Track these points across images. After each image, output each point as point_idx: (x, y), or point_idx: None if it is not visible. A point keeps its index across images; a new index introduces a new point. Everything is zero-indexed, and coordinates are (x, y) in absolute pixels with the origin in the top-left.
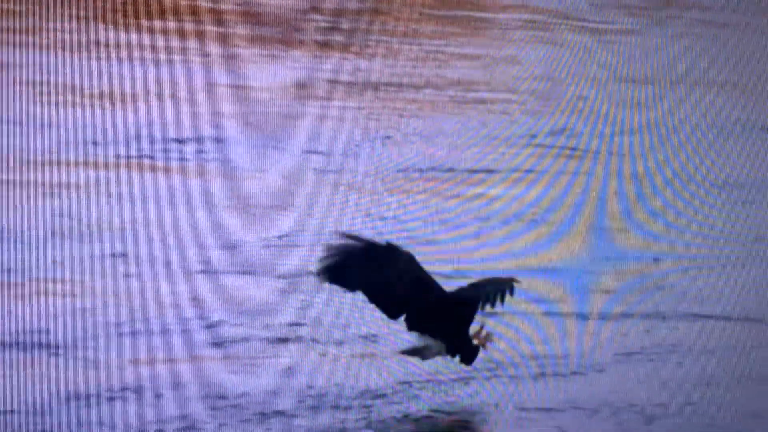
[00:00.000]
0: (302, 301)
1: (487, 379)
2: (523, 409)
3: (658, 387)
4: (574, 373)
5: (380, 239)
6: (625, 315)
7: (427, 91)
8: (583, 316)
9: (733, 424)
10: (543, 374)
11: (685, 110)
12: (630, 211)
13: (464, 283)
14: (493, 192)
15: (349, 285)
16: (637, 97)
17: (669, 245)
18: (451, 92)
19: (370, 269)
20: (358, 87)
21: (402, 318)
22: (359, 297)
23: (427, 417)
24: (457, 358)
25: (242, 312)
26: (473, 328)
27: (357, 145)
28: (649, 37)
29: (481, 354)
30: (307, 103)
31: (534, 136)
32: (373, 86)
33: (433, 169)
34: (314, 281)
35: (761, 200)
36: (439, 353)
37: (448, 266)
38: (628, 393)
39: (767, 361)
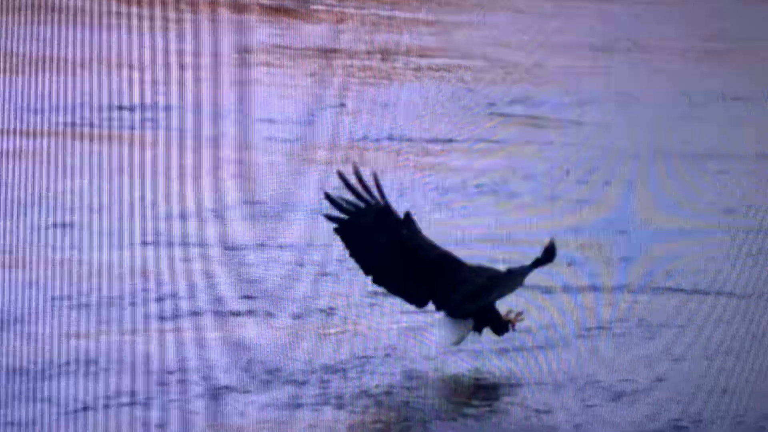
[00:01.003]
0: (255, 273)
1: (452, 353)
2: (488, 386)
3: (625, 362)
4: (539, 347)
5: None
6: (591, 288)
7: (381, 58)
8: (546, 290)
9: (703, 400)
10: (506, 349)
11: (653, 80)
12: (595, 182)
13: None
14: (454, 162)
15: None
16: (601, 65)
17: (636, 217)
18: (405, 59)
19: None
20: (308, 53)
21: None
22: (316, 269)
23: (387, 393)
24: (485, 331)
25: (192, 285)
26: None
27: (310, 114)
28: (613, 2)
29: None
30: (256, 69)
31: (493, 105)
32: (324, 53)
33: (389, 138)
34: (267, 253)
35: (733, 171)
36: (467, 332)
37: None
38: (594, 368)
39: (738, 336)
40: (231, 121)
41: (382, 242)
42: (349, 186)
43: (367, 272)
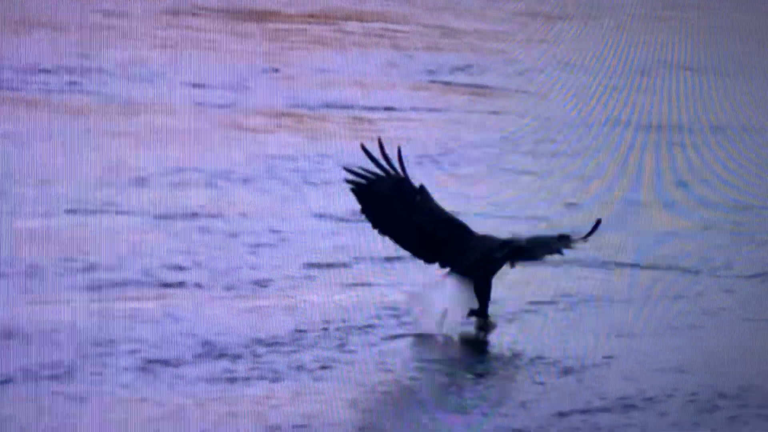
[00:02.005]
0: (185, 243)
1: (391, 326)
2: (429, 360)
3: (573, 338)
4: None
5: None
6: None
7: (317, 22)
8: None
9: (654, 378)
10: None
11: (603, 49)
12: (542, 153)
13: None
14: (394, 131)
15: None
16: (548, 33)
17: (586, 189)
18: (342, 24)
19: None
20: (239, 16)
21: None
22: (249, 240)
23: (323, 367)
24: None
25: (119, 255)
26: None
27: (242, 79)
28: None
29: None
30: (184, 32)
31: (433, 72)
32: (257, 16)
33: (326, 106)
34: (198, 222)
35: (688, 143)
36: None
37: (347, 211)
38: (541, 344)
39: (690, 313)
40: (159, 86)
41: (396, 206)
42: (371, 158)
43: (375, 226)
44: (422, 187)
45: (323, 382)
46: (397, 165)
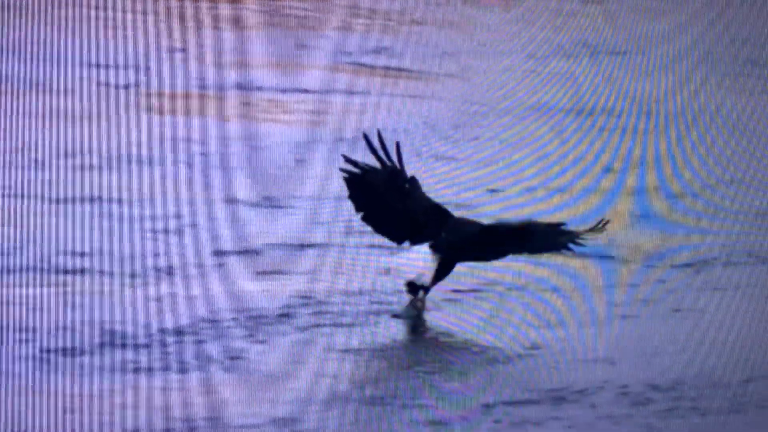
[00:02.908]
0: (86, 229)
1: (304, 316)
2: (344, 351)
3: (498, 328)
4: (396, 315)
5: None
6: None
7: (223, 0)
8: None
9: (584, 370)
10: (374, 312)
11: (525, 32)
12: (463, 139)
13: None
14: (309, 115)
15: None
16: (468, 16)
17: (508, 175)
18: (250, 2)
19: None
20: None
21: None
22: (153, 225)
23: (233, 358)
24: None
25: (16, 240)
26: None
27: (146, 59)
28: None
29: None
30: (84, 10)
31: (348, 54)
32: None
33: (237, 87)
34: (99, 207)
35: (618, 127)
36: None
37: (258, 196)
38: (464, 334)
39: (621, 303)
40: (58, 65)
41: (386, 195)
42: (372, 148)
43: (358, 211)
44: (413, 178)
45: (232, 373)
46: (394, 156)
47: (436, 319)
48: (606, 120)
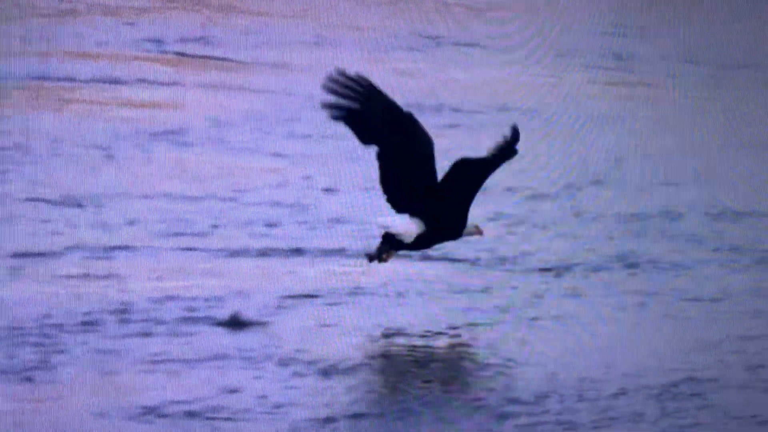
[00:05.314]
0: None
1: (111, 324)
2: (148, 361)
3: (336, 336)
4: (236, 319)
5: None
6: (296, 252)
7: None
8: (236, 253)
9: (435, 380)
10: (178, 320)
11: (362, 22)
12: (293, 135)
13: None
14: (125, 111)
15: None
16: (296, 4)
17: (345, 171)
18: None
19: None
20: None
21: None
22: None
23: (31, 368)
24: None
25: None
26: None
27: None
28: None
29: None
30: None
31: (160, 42)
32: None
33: (36, 77)
34: None
35: (467, 124)
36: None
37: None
38: (297, 343)
39: (473, 308)
40: None
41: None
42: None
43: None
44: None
45: (30, 384)
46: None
47: (266, 329)
48: (455, 116)
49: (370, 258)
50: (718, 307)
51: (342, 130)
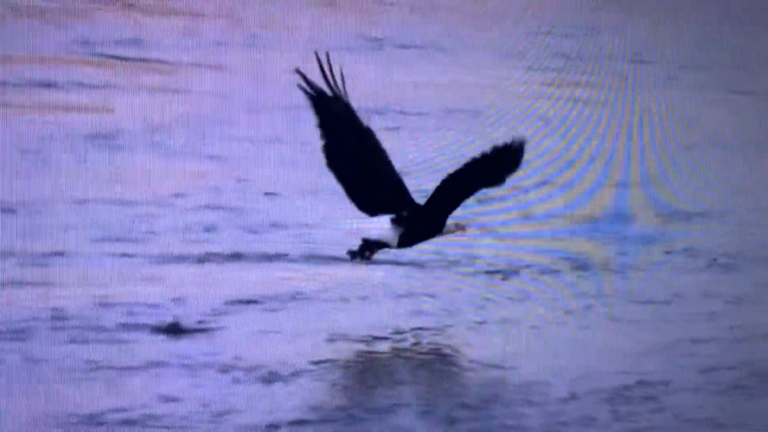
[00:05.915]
0: None
1: (45, 331)
2: (84, 369)
3: (278, 342)
4: (175, 326)
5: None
6: (235, 257)
7: None
8: (174, 259)
9: (375, 387)
10: (116, 326)
11: (301, 24)
12: (231, 137)
13: None
14: (60, 114)
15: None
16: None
17: (285, 176)
18: None
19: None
20: None
21: None
22: None
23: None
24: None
25: None
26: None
27: None
28: None
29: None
30: None
31: (92, 45)
32: None
33: None
34: None
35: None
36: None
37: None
38: (241, 349)
39: (420, 312)
40: None
41: (343, 129)
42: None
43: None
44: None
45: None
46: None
47: (210, 335)
48: (399, 118)
49: (353, 256)
50: (669, 309)
51: (280, 133)
